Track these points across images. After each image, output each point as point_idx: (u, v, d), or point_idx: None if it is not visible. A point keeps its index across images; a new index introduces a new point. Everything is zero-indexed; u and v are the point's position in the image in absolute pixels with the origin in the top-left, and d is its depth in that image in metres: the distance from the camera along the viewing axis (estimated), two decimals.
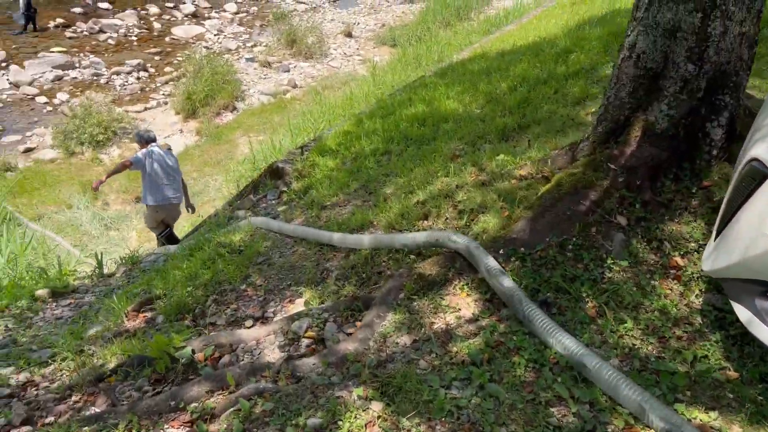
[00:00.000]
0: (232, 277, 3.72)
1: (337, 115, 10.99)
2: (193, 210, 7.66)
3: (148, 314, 3.71)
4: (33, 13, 17.19)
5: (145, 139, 6.91)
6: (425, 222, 3.58)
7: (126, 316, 3.74)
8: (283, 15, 18.77)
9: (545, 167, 3.53)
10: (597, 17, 8.15)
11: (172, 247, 5.88)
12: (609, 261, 2.55)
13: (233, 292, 3.58)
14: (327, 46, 17.31)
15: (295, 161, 6.19)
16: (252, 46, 17.60)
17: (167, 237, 7.32)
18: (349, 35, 18.41)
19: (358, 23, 19.68)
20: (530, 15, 12.20)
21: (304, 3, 21.45)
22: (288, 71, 15.93)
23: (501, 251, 2.71)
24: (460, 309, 2.51)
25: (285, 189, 5.95)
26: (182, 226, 9.59)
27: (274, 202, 5.90)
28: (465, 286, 2.61)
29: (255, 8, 20.92)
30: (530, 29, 9.67)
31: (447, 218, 3.48)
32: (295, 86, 15.06)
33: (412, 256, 3.14)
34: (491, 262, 2.53)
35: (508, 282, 2.43)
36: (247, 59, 16.42)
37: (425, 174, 4.46)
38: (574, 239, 2.64)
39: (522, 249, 2.67)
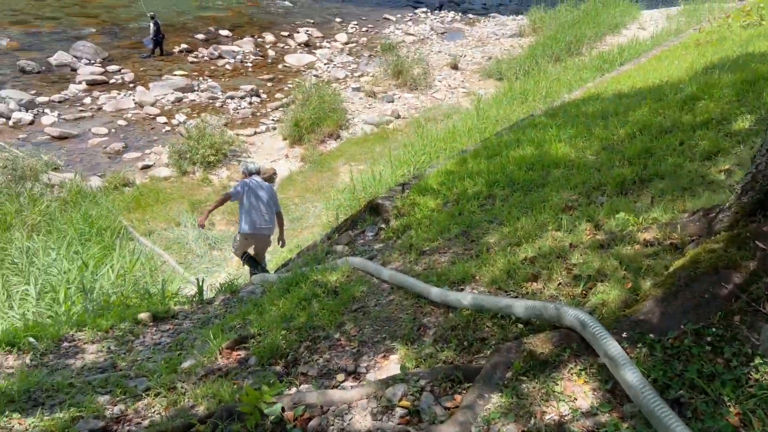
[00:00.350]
0: (327, 323, 3.60)
1: (439, 149, 10.84)
2: (284, 244, 7.83)
3: (242, 353, 3.65)
4: (161, 38, 18.42)
5: (248, 171, 7.26)
6: (534, 284, 3.30)
7: (220, 353, 3.70)
8: (391, 46, 19.01)
9: (674, 233, 3.17)
10: (728, 60, 7.53)
11: (271, 276, 5.90)
12: (757, 360, 2.18)
13: (326, 339, 3.45)
14: (432, 78, 17.32)
15: (395, 198, 6.06)
16: (359, 76, 17.90)
17: (248, 259, 7.56)
18: (454, 67, 18.34)
19: (465, 55, 19.59)
20: (649, 54, 11.57)
21: (412, 35, 21.66)
22: (392, 101, 16.03)
23: (625, 334, 2.40)
24: (575, 398, 2.22)
25: (383, 226, 5.84)
26: (280, 252, 9.74)
27: (371, 238, 5.79)
28: (582, 372, 2.32)
29: (365, 39, 21.35)
30: (650, 70, 9.12)
31: (560, 283, 3.19)
32: (398, 117, 15.11)
33: (519, 325, 2.88)
34: (614, 348, 2.23)
35: (633, 373, 2.13)
36: (354, 88, 16.70)
37: (533, 225, 4.18)
38: (714, 328, 2.29)
39: (651, 334, 2.35)
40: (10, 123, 13.83)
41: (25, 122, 13.92)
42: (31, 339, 4.24)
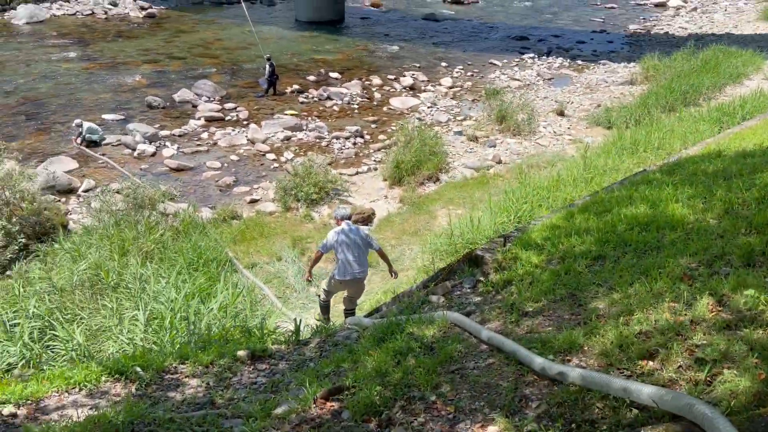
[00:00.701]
0: (422, 382, 3.49)
1: (542, 198, 10.54)
2: (396, 275, 8.13)
3: (336, 405, 3.61)
4: (275, 79, 19.38)
5: (340, 217, 7.64)
6: (650, 363, 3.04)
7: (314, 402, 3.68)
8: (495, 91, 18.94)
9: None
10: None
11: (365, 321, 5.88)
12: None
13: (422, 401, 3.34)
14: (537, 124, 17.03)
15: (495, 251, 5.90)
16: (462, 120, 17.93)
17: (325, 309, 7.90)
18: (561, 114, 17.96)
19: (572, 102, 19.16)
20: None
21: (518, 80, 21.51)
22: (494, 146, 15.89)
23: None
24: None
25: (482, 279, 5.68)
26: (374, 292, 9.76)
27: (469, 291, 5.64)
28: None
29: (469, 83, 21.43)
30: None
31: (680, 365, 2.92)
32: (499, 162, 14.92)
33: (634, 410, 2.65)
34: None
35: None
36: (456, 132, 16.72)
37: (648, 293, 3.90)
38: None
39: None
40: (135, 154, 14.93)
41: (148, 154, 14.97)
42: (138, 368, 4.42)
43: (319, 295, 8.26)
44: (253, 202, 13.27)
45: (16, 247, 9.56)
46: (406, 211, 12.72)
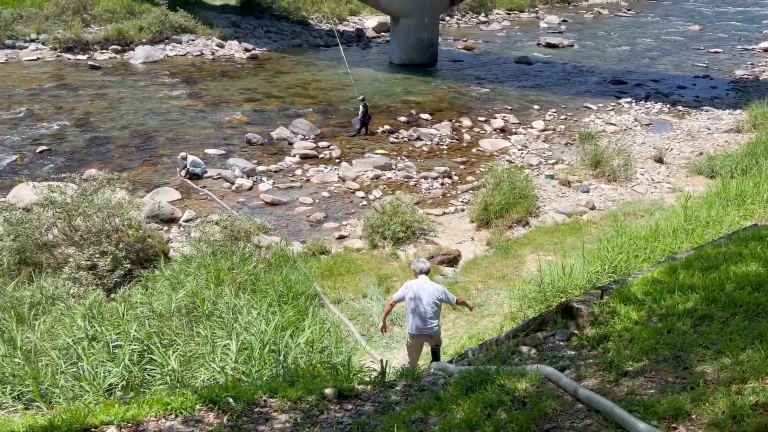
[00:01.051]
0: None
1: (638, 248, 10.07)
2: (472, 308, 8.24)
3: None
4: (368, 119, 19.87)
5: (418, 270, 7.75)
6: None
7: None
8: (590, 135, 18.51)
9: None
10: None
11: (451, 367, 5.78)
12: None
13: None
14: (633, 170, 16.44)
15: (591, 303, 5.68)
16: (553, 164, 17.61)
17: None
18: (659, 161, 17.27)
19: (671, 149, 18.41)
20: None
21: (613, 125, 20.95)
22: (587, 192, 15.45)
23: None
24: None
25: (576, 332, 5.46)
26: (458, 336, 9.59)
27: (562, 344, 5.43)
28: None
29: (562, 126, 21.09)
30: None
31: None
32: (593, 208, 14.48)
33: None
34: None
35: None
36: (547, 176, 16.42)
37: (763, 361, 3.61)
38: None
39: None
40: (233, 187, 15.64)
41: (245, 188, 15.64)
42: (230, 399, 4.54)
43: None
44: (342, 238, 13.51)
45: (122, 272, 10.15)
46: (494, 254, 12.52)
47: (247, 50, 31.82)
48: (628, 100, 23.99)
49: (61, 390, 5.96)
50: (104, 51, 30.12)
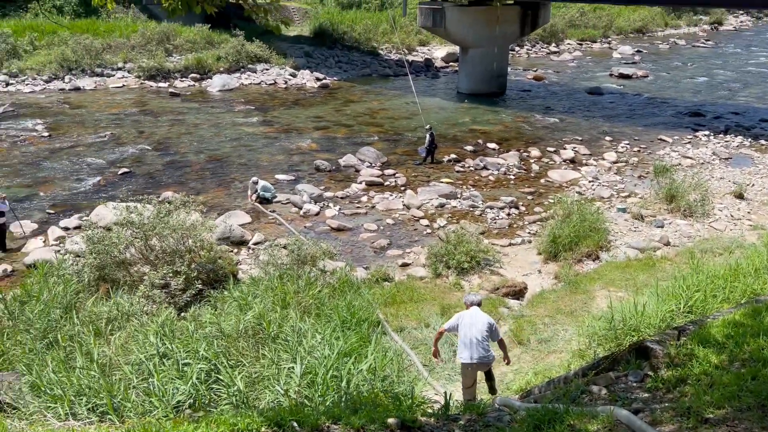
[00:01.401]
0: None
1: (717, 287, 9.58)
2: (509, 362, 8.09)
3: None
4: (434, 148, 19.95)
5: (469, 303, 7.81)
6: None
7: None
8: (665, 168, 17.88)
9: None
10: None
11: (517, 404, 5.64)
12: None
13: None
14: (711, 206, 15.75)
15: (667, 344, 5.43)
16: (626, 197, 17.12)
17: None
18: (739, 196, 16.48)
19: (753, 184, 17.55)
20: None
21: (690, 158, 20.20)
22: (662, 227, 14.89)
23: None
24: None
25: (651, 374, 5.23)
26: (524, 372, 9.34)
27: (635, 385, 5.21)
28: None
29: (635, 159, 20.51)
30: None
31: None
32: (667, 244, 13.92)
33: None
34: None
35: None
36: (619, 209, 15.96)
37: None
38: None
39: None
40: (301, 212, 15.97)
41: (312, 213, 15.94)
42: (295, 423, 4.57)
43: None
44: (405, 265, 13.51)
45: (193, 292, 10.49)
46: (562, 288, 12.20)
47: (318, 79, 32.72)
48: (706, 133, 23.11)
49: (132, 404, 6.16)
50: (184, 79, 31.71)
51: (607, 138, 22.91)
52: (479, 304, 7.89)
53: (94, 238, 11.01)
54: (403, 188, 17.90)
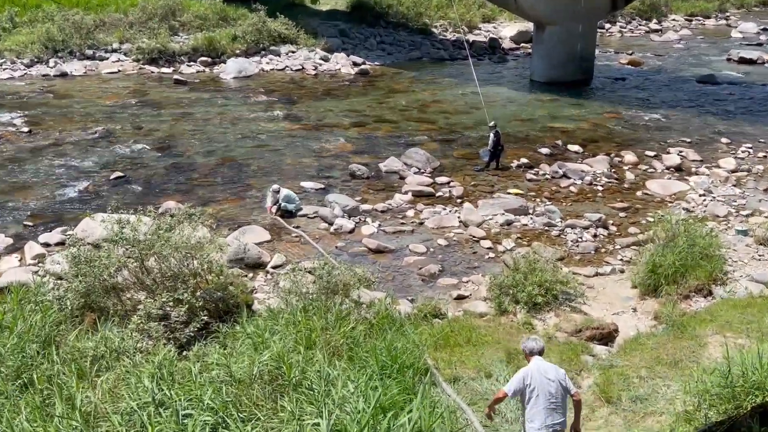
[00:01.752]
0: None
1: None
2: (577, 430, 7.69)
3: None
4: (500, 150, 19.89)
5: (528, 351, 7.61)
6: None
7: None
8: None
9: None
10: None
11: None
12: None
13: None
14: None
15: None
16: (747, 216, 16.79)
17: None
18: None
19: None
20: None
21: None
22: None
23: None
24: None
25: None
26: None
27: None
28: None
29: (760, 167, 20.08)
30: None
31: None
32: None
33: None
34: None
35: None
36: (739, 231, 15.66)
37: None
38: None
39: None
40: (332, 229, 16.10)
41: (346, 230, 16.06)
42: None
43: None
44: (461, 298, 13.47)
45: (197, 325, 10.64)
46: (663, 332, 11.99)
47: (355, 64, 33.15)
48: None
49: None
50: (191, 63, 32.54)
51: (724, 140, 22.51)
52: (541, 353, 7.68)
53: (80, 257, 11.29)
54: (459, 200, 17.89)
